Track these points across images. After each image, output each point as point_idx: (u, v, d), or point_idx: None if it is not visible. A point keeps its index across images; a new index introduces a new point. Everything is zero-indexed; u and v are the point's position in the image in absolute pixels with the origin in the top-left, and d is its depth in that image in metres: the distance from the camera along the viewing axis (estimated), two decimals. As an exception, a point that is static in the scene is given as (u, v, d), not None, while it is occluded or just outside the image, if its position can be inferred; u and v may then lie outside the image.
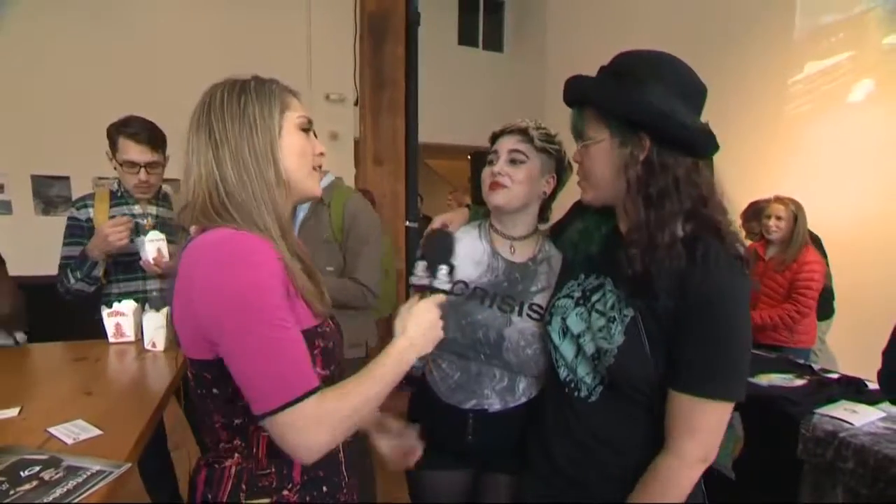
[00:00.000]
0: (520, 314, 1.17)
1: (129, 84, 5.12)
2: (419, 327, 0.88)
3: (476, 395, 1.20)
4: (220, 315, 0.73)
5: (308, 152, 0.88)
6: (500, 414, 1.19)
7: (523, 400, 1.20)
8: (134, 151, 1.80)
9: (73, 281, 1.80)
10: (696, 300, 0.86)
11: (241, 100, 0.82)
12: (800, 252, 2.82)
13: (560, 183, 1.26)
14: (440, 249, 0.98)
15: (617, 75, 0.95)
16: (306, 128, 0.89)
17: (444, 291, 0.94)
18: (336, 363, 0.89)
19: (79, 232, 1.87)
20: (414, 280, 0.96)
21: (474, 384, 1.20)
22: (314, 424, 0.73)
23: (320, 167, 0.93)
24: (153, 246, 1.71)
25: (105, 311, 1.73)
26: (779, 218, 2.88)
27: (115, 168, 1.85)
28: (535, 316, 1.16)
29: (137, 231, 1.84)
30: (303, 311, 0.84)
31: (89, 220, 1.88)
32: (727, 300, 0.86)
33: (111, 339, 1.73)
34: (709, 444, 0.88)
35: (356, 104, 3.76)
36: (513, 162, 1.19)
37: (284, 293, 0.78)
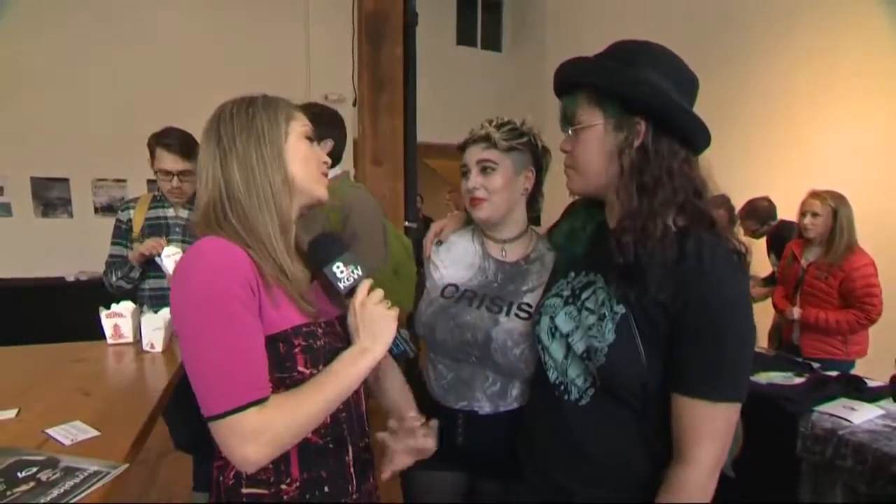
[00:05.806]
0: (507, 314, 1.16)
1: (128, 87, 5.13)
2: (367, 329, 0.87)
3: (467, 397, 1.20)
4: (179, 319, 0.77)
5: (313, 158, 0.93)
6: (490, 417, 1.19)
7: (515, 405, 1.19)
8: (168, 161, 1.98)
9: (114, 279, 2.03)
10: (695, 299, 0.82)
11: (250, 111, 0.87)
12: (846, 255, 2.49)
13: (541, 171, 1.24)
14: (329, 248, 0.91)
15: (613, 58, 0.92)
16: (310, 137, 0.93)
17: (352, 287, 0.89)
18: (326, 363, 0.86)
19: (119, 233, 2.09)
20: (342, 286, 0.89)
21: (465, 386, 1.20)
22: (253, 436, 0.74)
23: (326, 175, 0.97)
24: (170, 261, 1.80)
25: (103, 313, 1.73)
26: (815, 214, 2.55)
27: (155, 174, 2.06)
28: (523, 315, 1.16)
29: (168, 232, 2.06)
30: (288, 310, 0.84)
31: (129, 220, 2.08)
32: (727, 298, 0.83)
33: (109, 341, 1.74)
34: (723, 449, 0.85)
35: (354, 105, 3.75)
36: (484, 171, 1.18)
37: (250, 298, 0.78)
